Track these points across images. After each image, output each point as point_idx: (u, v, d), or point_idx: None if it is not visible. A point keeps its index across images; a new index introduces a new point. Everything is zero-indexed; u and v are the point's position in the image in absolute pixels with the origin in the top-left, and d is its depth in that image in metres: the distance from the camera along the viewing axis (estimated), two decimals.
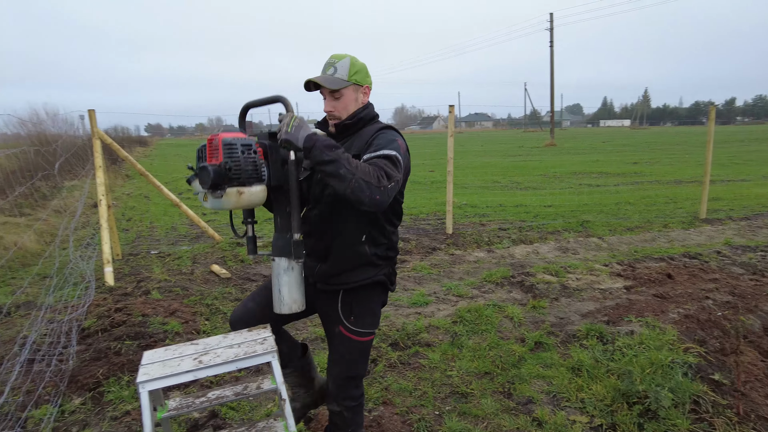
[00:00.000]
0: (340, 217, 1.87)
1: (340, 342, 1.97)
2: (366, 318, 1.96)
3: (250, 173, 1.67)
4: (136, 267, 5.23)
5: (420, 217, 7.61)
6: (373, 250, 1.91)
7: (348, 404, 2.01)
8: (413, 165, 17.17)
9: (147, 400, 1.35)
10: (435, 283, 4.51)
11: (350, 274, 1.89)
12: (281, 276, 1.80)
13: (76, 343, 3.24)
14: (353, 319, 1.94)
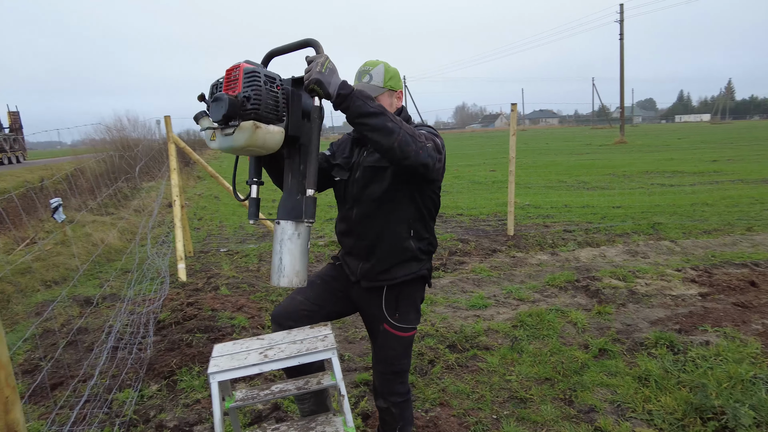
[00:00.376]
0: (385, 214, 1.85)
1: (385, 339, 1.96)
2: (410, 314, 1.96)
3: (271, 108, 1.48)
4: (207, 264, 5.54)
5: (480, 218, 7.51)
6: (417, 244, 1.90)
7: (395, 400, 2.00)
8: (474, 164, 16.88)
9: (217, 390, 1.45)
10: (495, 286, 4.44)
11: (396, 270, 1.89)
12: (284, 242, 1.59)
13: (153, 334, 3.49)
14: (398, 315, 1.94)
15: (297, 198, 1.60)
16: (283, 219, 1.59)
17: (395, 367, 1.98)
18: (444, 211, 8.18)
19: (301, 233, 1.59)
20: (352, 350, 3.28)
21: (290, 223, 1.58)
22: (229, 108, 1.37)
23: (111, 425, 2.49)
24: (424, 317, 3.73)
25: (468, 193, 10.09)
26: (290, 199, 1.61)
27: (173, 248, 5.70)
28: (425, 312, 3.82)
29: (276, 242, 1.61)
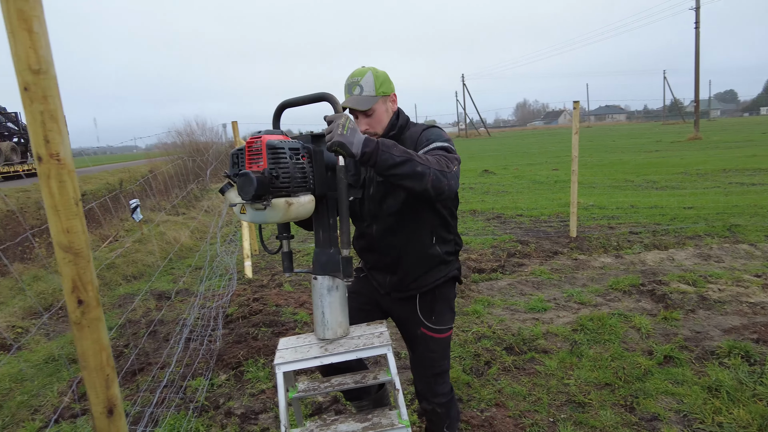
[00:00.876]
0: (407, 227, 1.85)
1: (423, 342, 1.97)
2: (446, 315, 1.96)
3: (299, 182, 1.48)
4: (271, 262, 5.80)
5: (541, 219, 7.35)
6: (443, 248, 1.92)
7: (439, 401, 2.00)
8: (535, 163, 16.47)
9: (282, 381, 1.56)
10: (555, 289, 4.35)
11: (425, 278, 1.90)
12: (324, 297, 1.64)
13: (222, 327, 3.72)
14: (434, 318, 1.94)
15: (330, 252, 1.63)
16: (320, 274, 1.63)
17: (436, 369, 1.98)
18: (503, 211, 8.07)
19: (339, 286, 1.65)
20: None
21: (327, 278, 1.64)
22: (258, 187, 1.36)
23: (185, 409, 2.69)
24: (481, 318, 3.73)
25: (529, 193, 9.88)
26: (323, 253, 1.65)
27: (240, 247, 6.01)
28: (481, 313, 3.82)
29: (316, 296, 1.67)
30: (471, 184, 11.98)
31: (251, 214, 1.47)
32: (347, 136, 1.44)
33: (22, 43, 1.01)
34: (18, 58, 1.02)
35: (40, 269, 6.23)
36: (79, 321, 1.19)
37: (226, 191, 1.54)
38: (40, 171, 1.09)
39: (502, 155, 21.91)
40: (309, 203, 1.50)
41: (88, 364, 1.22)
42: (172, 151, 19.30)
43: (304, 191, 1.49)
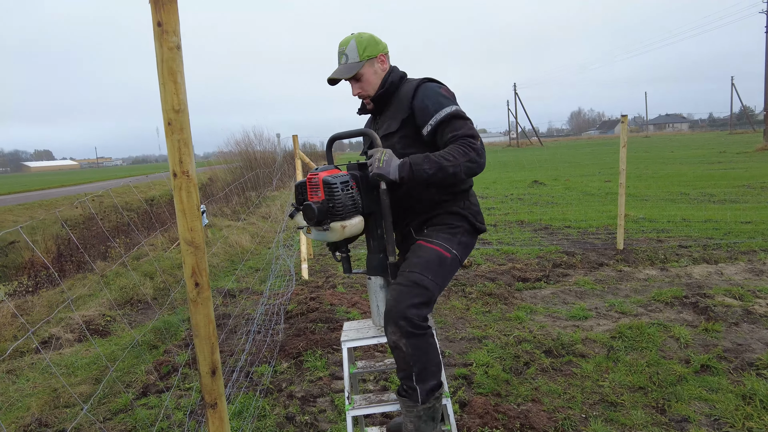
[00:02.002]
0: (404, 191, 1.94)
1: (414, 249, 1.92)
2: (440, 233, 1.93)
3: (350, 208, 1.80)
4: (325, 265, 6.19)
5: (589, 231, 7.38)
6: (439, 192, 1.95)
7: (404, 327, 1.74)
8: (587, 174, 16.16)
9: (346, 355, 1.89)
10: (597, 299, 4.47)
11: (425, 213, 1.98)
12: (377, 293, 1.98)
13: (283, 322, 4.11)
14: (426, 231, 1.95)
15: (380, 256, 1.94)
16: (373, 275, 1.97)
17: (414, 276, 1.80)
18: (552, 222, 8.15)
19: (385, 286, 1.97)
20: (453, 348, 3.59)
21: (379, 278, 1.97)
22: (318, 215, 1.75)
23: (253, 391, 3.07)
24: (522, 324, 3.92)
25: (578, 205, 9.85)
26: (374, 257, 1.96)
27: (297, 251, 6.45)
28: (523, 319, 4.01)
29: (371, 293, 2.02)
30: (520, 195, 12.03)
31: (315, 234, 1.85)
32: (384, 167, 1.76)
33: (169, 91, 1.38)
34: (165, 101, 1.40)
35: (120, 266, 6.92)
36: (195, 299, 1.55)
37: (294, 216, 1.91)
38: (174, 184, 1.46)
39: (554, 165, 21.62)
40: (359, 223, 1.84)
41: (199, 333, 1.58)
42: (230, 159, 20.38)
43: (355, 214, 1.83)
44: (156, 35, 1.37)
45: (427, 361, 1.81)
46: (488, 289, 4.70)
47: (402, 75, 2.07)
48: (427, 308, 1.82)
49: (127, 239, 8.96)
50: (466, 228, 1.99)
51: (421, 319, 1.79)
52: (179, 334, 4.20)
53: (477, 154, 1.78)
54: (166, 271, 6.15)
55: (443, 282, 1.90)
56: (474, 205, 2.05)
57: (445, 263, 1.89)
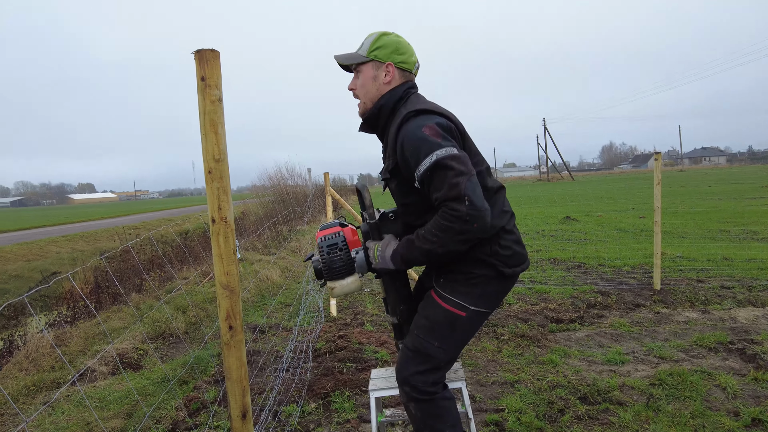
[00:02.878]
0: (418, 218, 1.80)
1: (424, 304, 1.79)
2: (456, 285, 1.72)
3: (337, 270, 1.83)
4: (353, 302, 6.18)
5: (624, 270, 7.17)
6: None
7: (409, 392, 1.68)
8: (620, 210, 15.75)
9: (374, 404, 1.86)
10: (634, 342, 4.30)
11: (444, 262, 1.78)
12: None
13: (311, 360, 4.09)
14: (442, 281, 1.75)
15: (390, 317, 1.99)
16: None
17: (416, 342, 1.72)
18: (585, 261, 7.96)
19: None
20: (483, 392, 3.49)
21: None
22: (316, 273, 1.87)
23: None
24: (556, 368, 3.80)
25: (612, 242, 9.61)
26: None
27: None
28: (557, 362, 3.89)
29: None
30: (552, 231, 11.83)
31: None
32: (380, 263, 1.76)
33: (210, 141, 1.45)
34: (206, 151, 1.46)
35: (153, 300, 7.07)
36: (228, 342, 1.58)
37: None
38: (213, 229, 1.51)
39: (586, 201, 21.27)
40: (352, 283, 1.86)
41: (231, 376, 1.60)
42: (263, 193, 20.85)
43: (347, 274, 1.85)
44: (199, 89, 1.45)
45: (438, 424, 1.72)
46: (520, 330, 4.59)
47: (400, 97, 1.81)
48: (435, 373, 1.72)
49: (161, 272, 9.17)
50: (490, 276, 1.75)
51: (428, 385, 1.70)
52: (209, 370, 4.23)
53: (462, 221, 1.51)
54: (197, 305, 6.24)
55: (455, 345, 1.77)
56: (505, 248, 1.77)
57: (458, 325, 1.73)
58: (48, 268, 15.19)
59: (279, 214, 14.96)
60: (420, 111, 1.66)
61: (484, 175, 1.77)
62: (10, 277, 15.36)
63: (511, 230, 1.82)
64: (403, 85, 1.82)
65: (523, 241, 1.91)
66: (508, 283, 1.83)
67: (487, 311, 1.79)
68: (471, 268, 1.74)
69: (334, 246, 1.85)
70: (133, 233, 19.75)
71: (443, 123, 1.64)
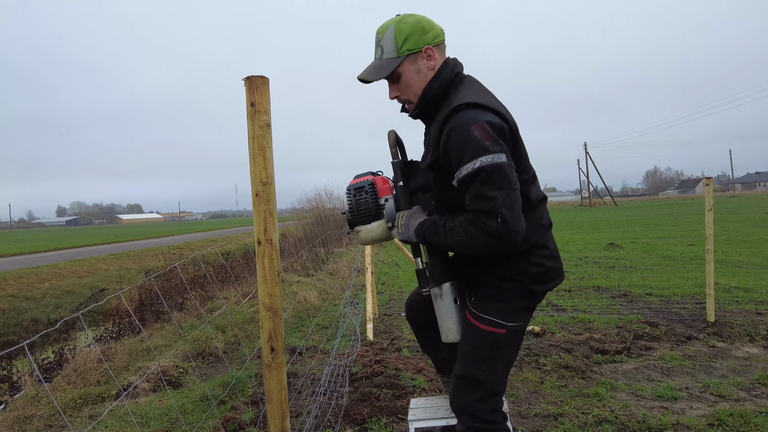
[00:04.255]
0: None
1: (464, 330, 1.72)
2: (488, 303, 1.66)
3: (363, 213, 1.86)
4: (390, 326, 6.12)
5: (673, 300, 6.83)
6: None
7: (466, 421, 1.62)
8: (667, 237, 15.13)
9: None
10: (687, 378, 4.06)
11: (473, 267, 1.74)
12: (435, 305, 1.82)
13: (348, 385, 4.05)
14: (474, 299, 1.69)
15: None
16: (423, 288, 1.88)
17: (465, 371, 1.65)
18: (630, 289, 7.64)
19: (443, 295, 1.77)
20: (525, 425, 3.36)
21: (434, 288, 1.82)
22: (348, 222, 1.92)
23: None
24: (602, 402, 3.62)
25: (659, 271, 9.21)
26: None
27: (362, 309, 6.45)
28: (603, 396, 3.70)
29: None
30: (595, 258, 11.46)
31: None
32: (404, 233, 1.73)
33: (258, 165, 1.48)
34: (254, 174, 1.49)
35: (194, 318, 7.22)
36: (269, 364, 1.58)
37: None
38: (258, 251, 1.53)
39: (630, 227, 20.56)
40: (377, 227, 1.86)
41: (272, 399, 1.59)
42: (301, 215, 21.21)
43: (373, 219, 1.87)
44: (249, 114, 1.49)
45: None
46: (564, 361, 4.41)
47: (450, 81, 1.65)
48: (492, 400, 1.64)
49: (202, 292, 9.39)
50: (520, 291, 1.68)
51: (487, 413, 1.63)
52: (246, 391, 4.25)
53: (488, 236, 1.45)
54: (237, 325, 6.33)
55: (503, 365, 1.69)
56: (535, 265, 1.67)
57: (501, 343, 1.66)
58: (97, 285, 15.84)
59: (317, 236, 15.14)
60: (472, 104, 1.51)
61: (529, 184, 1.66)
62: (63, 292, 16.09)
63: (544, 245, 1.71)
64: (447, 65, 1.65)
65: (558, 254, 1.81)
66: (536, 297, 1.76)
67: (524, 324, 1.73)
68: (499, 282, 1.68)
69: (361, 189, 1.89)
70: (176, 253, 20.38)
71: (495, 123, 1.49)
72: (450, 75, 1.63)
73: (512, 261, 1.65)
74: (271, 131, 1.50)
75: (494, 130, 1.48)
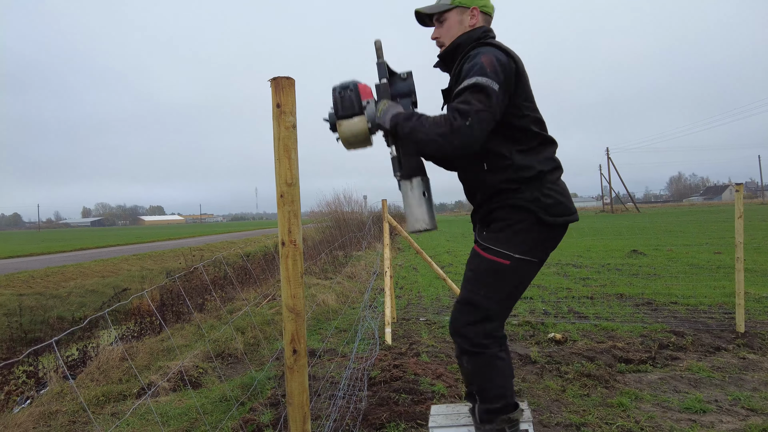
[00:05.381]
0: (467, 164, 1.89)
1: (470, 259, 1.83)
2: (499, 234, 1.78)
3: (347, 108, 1.92)
4: (408, 331, 6.08)
5: (699, 309, 6.65)
6: (498, 176, 1.80)
7: (461, 343, 1.76)
8: (693, 244, 14.83)
9: None
10: (716, 390, 3.93)
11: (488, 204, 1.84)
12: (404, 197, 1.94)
13: (366, 389, 4.03)
14: (485, 234, 1.81)
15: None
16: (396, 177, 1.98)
17: (465, 294, 1.79)
18: (655, 297, 7.47)
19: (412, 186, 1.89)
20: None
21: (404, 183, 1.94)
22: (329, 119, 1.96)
23: None
24: (626, 412, 3.52)
25: (685, 279, 8.99)
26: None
27: (381, 313, 6.43)
28: (627, 406, 3.61)
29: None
30: (617, 265, 11.25)
31: None
32: (381, 117, 1.85)
33: (283, 166, 1.48)
34: (279, 175, 1.49)
35: (214, 319, 7.29)
36: (291, 366, 1.57)
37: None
38: (282, 252, 1.52)
39: (654, 234, 20.15)
40: (359, 122, 1.93)
41: (293, 401, 1.58)
42: (320, 218, 21.31)
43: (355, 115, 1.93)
44: (274, 115, 1.49)
45: (487, 380, 1.75)
46: (586, 369, 4.32)
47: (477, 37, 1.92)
48: (486, 324, 1.75)
49: (222, 293, 9.48)
50: (531, 222, 1.79)
51: (480, 336, 1.74)
52: (265, 393, 4.26)
53: (451, 130, 1.64)
54: (256, 326, 6.36)
55: (502, 294, 1.79)
56: (547, 197, 1.81)
57: (502, 273, 1.77)
58: (120, 285, 16.15)
59: (336, 239, 15.18)
60: (489, 44, 1.81)
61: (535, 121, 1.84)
62: (87, 291, 16.45)
63: (555, 181, 1.88)
64: (482, 27, 1.92)
65: (569, 195, 1.95)
66: (552, 233, 1.85)
67: (534, 260, 1.81)
68: (509, 214, 1.80)
69: (346, 87, 1.96)
70: (197, 255, 20.64)
71: (503, 59, 1.74)
72: (479, 33, 1.90)
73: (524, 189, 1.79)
74: (296, 132, 1.50)
75: (499, 64, 1.72)
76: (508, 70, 1.74)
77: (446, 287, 7.64)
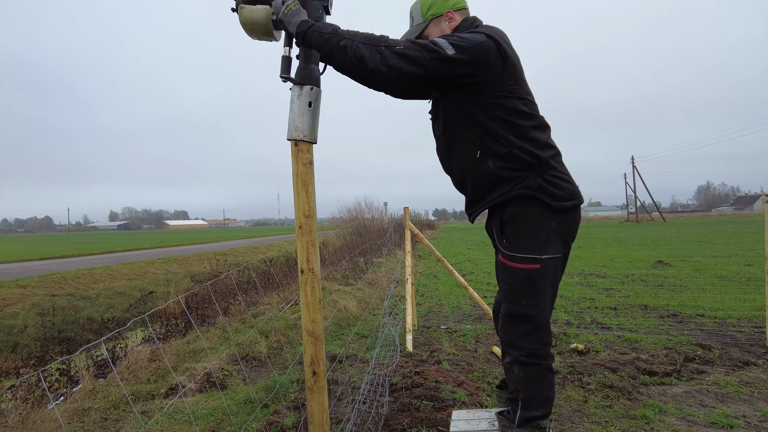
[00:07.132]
0: (455, 146, 1.81)
1: (501, 272, 1.81)
2: (519, 239, 1.74)
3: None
4: (429, 338, 6.11)
5: (728, 322, 6.51)
6: (497, 163, 1.75)
7: (515, 354, 1.75)
8: (721, 256, 14.46)
9: None
10: (745, 405, 3.86)
11: (487, 195, 1.78)
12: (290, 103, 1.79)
13: (388, 395, 4.08)
14: (505, 242, 1.77)
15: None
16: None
17: (510, 308, 1.77)
18: (680, 309, 7.33)
19: (301, 95, 1.78)
20: None
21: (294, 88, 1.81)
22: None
23: None
24: (650, 425, 3.50)
25: (713, 291, 8.79)
26: None
27: (401, 320, 6.47)
28: (651, 419, 3.58)
29: None
30: (642, 276, 11.07)
31: None
32: (287, 15, 1.69)
33: (301, 199, 1.57)
34: (298, 208, 1.58)
35: (238, 323, 7.43)
36: (311, 387, 1.64)
37: None
38: (301, 279, 1.60)
39: (680, 244, 19.72)
40: (262, 10, 1.80)
41: (314, 420, 1.65)
42: (341, 225, 21.47)
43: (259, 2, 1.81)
44: (293, 153, 1.59)
45: (536, 391, 1.76)
46: (609, 380, 4.29)
47: (467, 28, 1.87)
48: (537, 333, 1.75)
49: (245, 297, 9.64)
50: (541, 212, 1.77)
51: (537, 346, 1.74)
52: (289, 396, 4.34)
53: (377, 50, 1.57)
54: (279, 330, 6.47)
55: (543, 298, 1.78)
56: (550, 183, 1.79)
57: (536, 278, 1.76)
58: (146, 288, 16.53)
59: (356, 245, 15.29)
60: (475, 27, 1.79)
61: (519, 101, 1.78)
62: (115, 293, 16.89)
63: (555, 167, 1.85)
64: (466, 20, 1.90)
65: (572, 178, 1.92)
66: (565, 218, 1.82)
67: (557, 256, 1.79)
68: (519, 208, 1.77)
69: None
70: (221, 259, 20.98)
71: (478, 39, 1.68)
72: (467, 26, 1.87)
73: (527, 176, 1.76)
74: (313, 168, 1.59)
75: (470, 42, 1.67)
76: (483, 51, 1.69)
77: (467, 295, 7.64)
